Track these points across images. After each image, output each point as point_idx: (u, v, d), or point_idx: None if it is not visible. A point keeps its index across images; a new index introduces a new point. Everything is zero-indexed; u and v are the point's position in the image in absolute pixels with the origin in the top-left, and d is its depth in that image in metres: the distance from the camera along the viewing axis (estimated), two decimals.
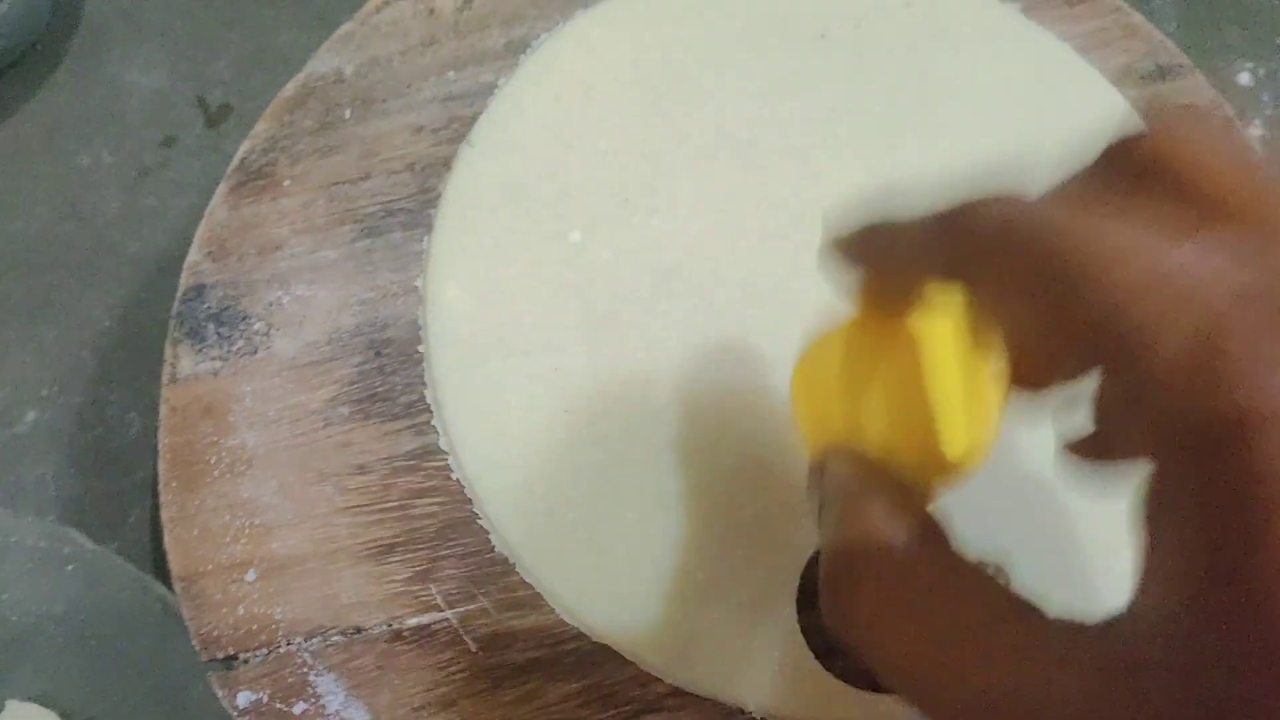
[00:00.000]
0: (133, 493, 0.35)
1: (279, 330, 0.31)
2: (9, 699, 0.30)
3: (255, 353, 0.31)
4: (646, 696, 0.27)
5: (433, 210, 0.32)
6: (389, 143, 0.33)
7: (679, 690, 0.27)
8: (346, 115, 0.33)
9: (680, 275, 0.30)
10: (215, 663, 0.28)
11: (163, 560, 0.29)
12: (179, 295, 0.31)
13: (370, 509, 0.29)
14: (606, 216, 0.31)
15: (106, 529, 0.34)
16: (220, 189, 0.32)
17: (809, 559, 0.27)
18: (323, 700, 0.27)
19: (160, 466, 0.29)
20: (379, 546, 0.29)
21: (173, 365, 0.30)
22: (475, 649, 0.28)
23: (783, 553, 0.28)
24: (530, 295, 0.30)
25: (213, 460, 0.29)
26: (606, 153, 0.32)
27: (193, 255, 0.32)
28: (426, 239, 0.31)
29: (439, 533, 0.29)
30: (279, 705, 0.27)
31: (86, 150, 0.39)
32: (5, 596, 0.31)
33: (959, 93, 0.33)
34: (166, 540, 0.29)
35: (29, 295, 0.37)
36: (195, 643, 0.28)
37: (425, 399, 0.30)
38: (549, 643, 0.28)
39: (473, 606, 0.28)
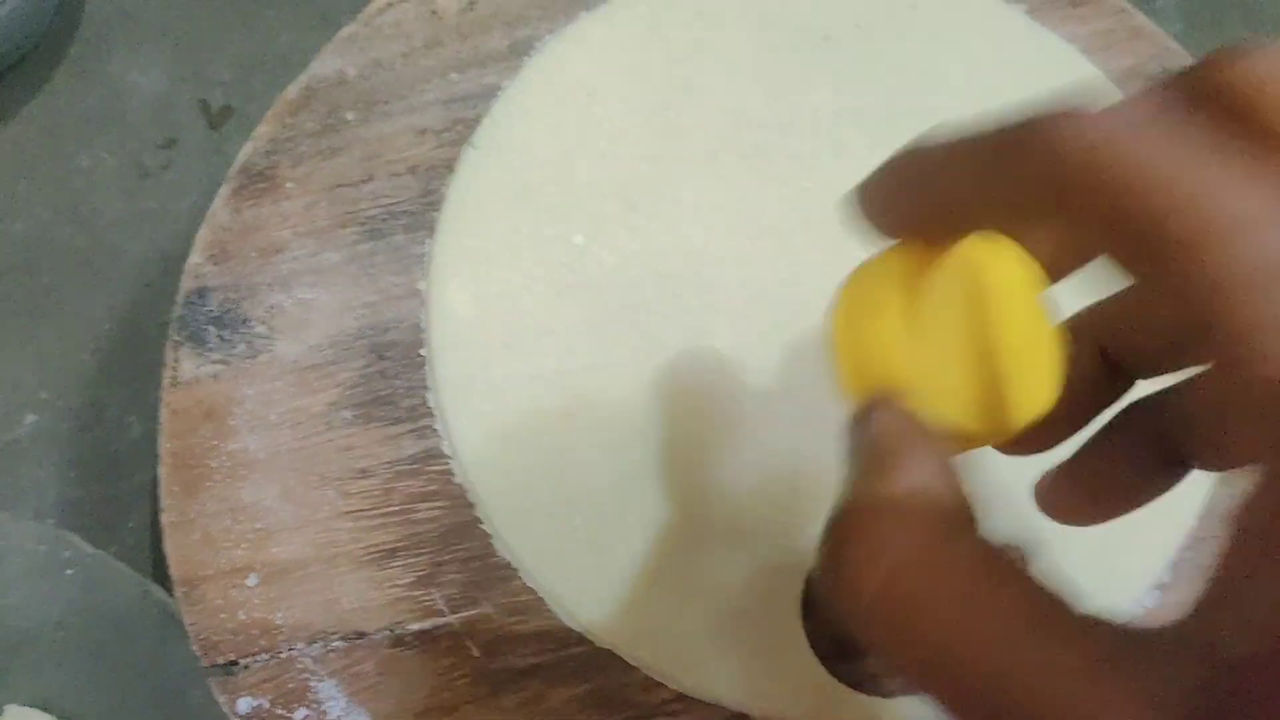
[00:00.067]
0: (132, 496, 0.35)
1: (281, 333, 0.31)
2: (8, 703, 0.30)
3: (257, 356, 0.30)
4: (650, 701, 0.27)
5: (436, 213, 0.31)
6: (392, 145, 0.33)
7: (682, 695, 0.27)
8: (349, 117, 0.33)
9: (683, 278, 0.30)
10: (216, 668, 0.27)
11: (162, 565, 0.29)
12: (180, 298, 0.31)
13: (372, 513, 0.29)
14: (610, 219, 0.31)
15: (106, 533, 0.34)
16: (222, 191, 0.32)
17: (812, 564, 0.27)
18: (324, 706, 0.27)
19: (161, 470, 0.29)
20: (381, 551, 0.28)
21: (173, 369, 0.30)
22: (478, 654, 0.28)
23: (787, 557, 0.27)
24: (533, 298, 0.30)
25: (214, 464, 0.29)
26: (609, 155, 0.32)
27: (194, 258, 0.31)
28: (429, 242, 0.31)
29: (441, 537, 0.28)
30: (280, 711, 0.27)
31: (87, 152, 0.39)
32: (4, 601, 0.31)
33: (964, 95, 0.32)
34: (167, 545, 0.29)
35: (29, 297, 0.37)
36: (195, 648, 0.28)
37: (428, 402, 0.30)
38: (552, 647, 0.28)
39: (475, 611, 0.28)
